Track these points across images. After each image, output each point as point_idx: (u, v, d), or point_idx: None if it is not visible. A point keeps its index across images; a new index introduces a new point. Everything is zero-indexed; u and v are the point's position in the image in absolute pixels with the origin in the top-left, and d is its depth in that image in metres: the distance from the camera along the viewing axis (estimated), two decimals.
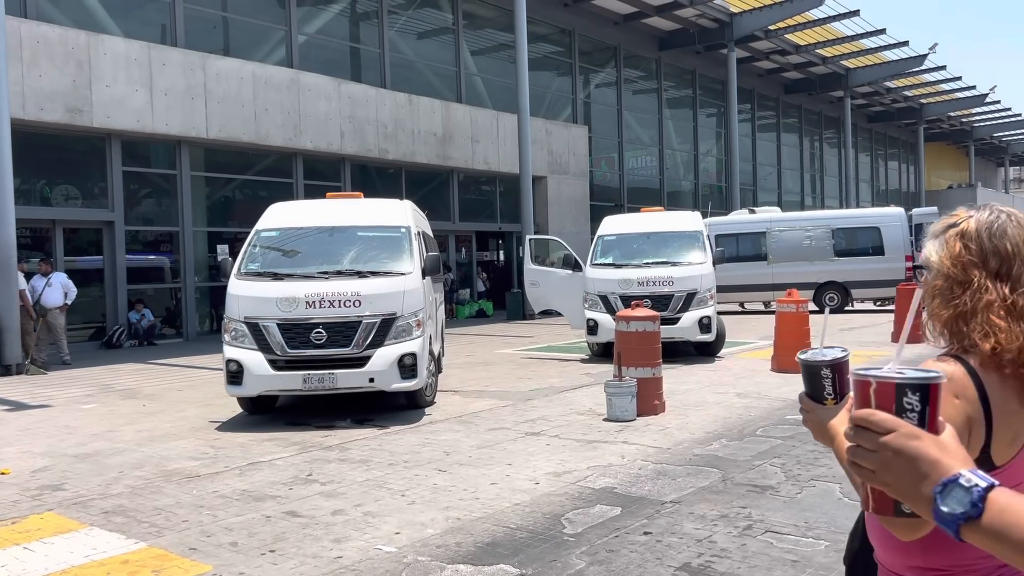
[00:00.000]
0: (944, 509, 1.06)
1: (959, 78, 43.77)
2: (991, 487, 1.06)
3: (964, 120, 54.25)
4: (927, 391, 1.12)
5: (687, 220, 13.83)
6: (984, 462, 1.42)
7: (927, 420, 1.12)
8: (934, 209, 24.03)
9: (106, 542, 4.84)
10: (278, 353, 8.08)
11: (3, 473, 6.56)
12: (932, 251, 1.61)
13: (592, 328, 12.53)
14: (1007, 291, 1.50)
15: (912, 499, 1.11)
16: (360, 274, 8.53)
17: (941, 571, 1.40)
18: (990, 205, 1.62)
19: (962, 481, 1.05)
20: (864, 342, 14.50)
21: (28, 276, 13.38)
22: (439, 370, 10.30)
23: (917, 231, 22.54)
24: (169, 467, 6.64)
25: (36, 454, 7.21)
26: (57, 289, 13.41)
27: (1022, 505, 1.06)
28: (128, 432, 8.05)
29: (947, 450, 1.11)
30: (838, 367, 1.33)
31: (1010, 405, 1.45)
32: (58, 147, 16.04)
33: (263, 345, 8.08)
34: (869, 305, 21.81)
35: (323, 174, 20.16)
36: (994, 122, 55.13)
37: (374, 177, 21.73)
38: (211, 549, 4.67)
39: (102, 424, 8.49)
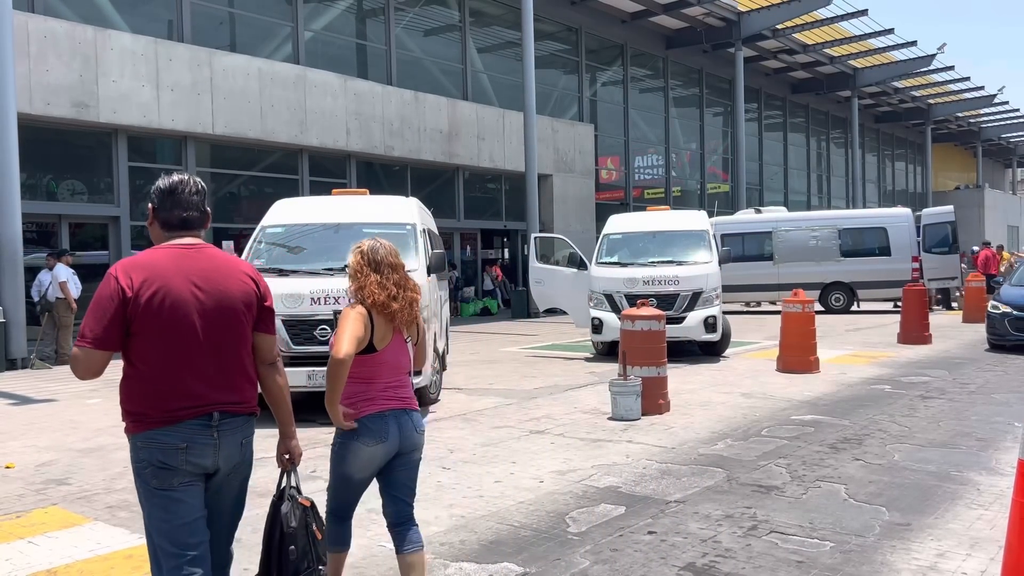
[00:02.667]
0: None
1: (967, 78, 43.64)
2: None
3: (972, 121, 54.06)
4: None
5: (693, 219, 13.79)
6: (371, 347, 3.49)
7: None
8: (950, 208, 23.68)
9: (110, 537, 4.84)
10: (283, 349, 8.06)
11: (8, 467, 6.57)
12: (349, 258, 3.69)
13: (597, 327, 12.51)
14: (378, 277, 3.57)
15: None
16: None
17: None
18: (375, 238, 3.78)
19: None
20: (871, 343, 14.46)
21: (74, 268, 13.54)
22: (443, 368, 10.28)
23: (926, 232, 22.45)
24: None
25: (41, 448, 7.22)
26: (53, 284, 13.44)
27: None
28: None
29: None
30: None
31: (381, 324, 3.52)
32: (64, 142, 16.05)
33: None
34: (889, 306, 21.58)
35: (329, 171, 20.16)
36: (1002, 123, 54.92)
37: (380, 174, 21.73)
38: None
39: (107, 419, 8.49)
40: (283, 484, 3.33)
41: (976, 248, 24.86)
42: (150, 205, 3.05)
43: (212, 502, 2.97)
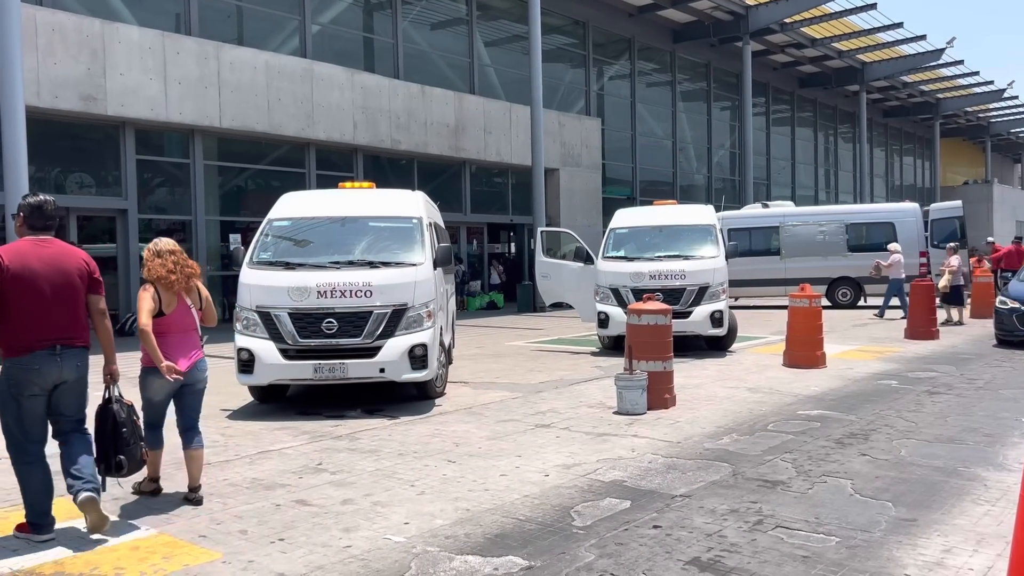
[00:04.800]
0: None
1: (977, 73, 43.40)
2: None
3: (981, 116, 53.79)
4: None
5: (700, 214, 13.75)
6: (160, 312, 5.14)
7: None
8: (958, 203, 23.54)
9: (116, 528, 4.86)
10: (289, 342, 8.08)
11: None
12: (144, 254, 5.32)
13: (603, 321, 12.50)
14: (160, 260, 5.21)
15: None
16: (372, 264, 8.52)
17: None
18: (160, 238, 5.43)
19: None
20: (878, 338, 14.42)
21: None
22: (449, 361, 10.28)
23: (934, 227, 22.33)
24: (179, 454, 6.64)
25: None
26: None
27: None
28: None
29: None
30: None
31: (165, 294, 5.21)
32: (72, 135, 16.10)
33: (274, 334, 8.08)
34: (895, 301, 21.41)
35: (335, 164, 20.18)
36: (1011, 118, 54.67)
37: (386, 168, 21.74)
38: (221, 537, 4.69)
39: None
40: (108, 395, 4.95)
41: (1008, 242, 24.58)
42: (21, 214, 4.65)
43: (61, 400, 4.67)
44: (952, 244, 17.94)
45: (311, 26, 19.92)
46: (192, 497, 5.28)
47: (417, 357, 8.21)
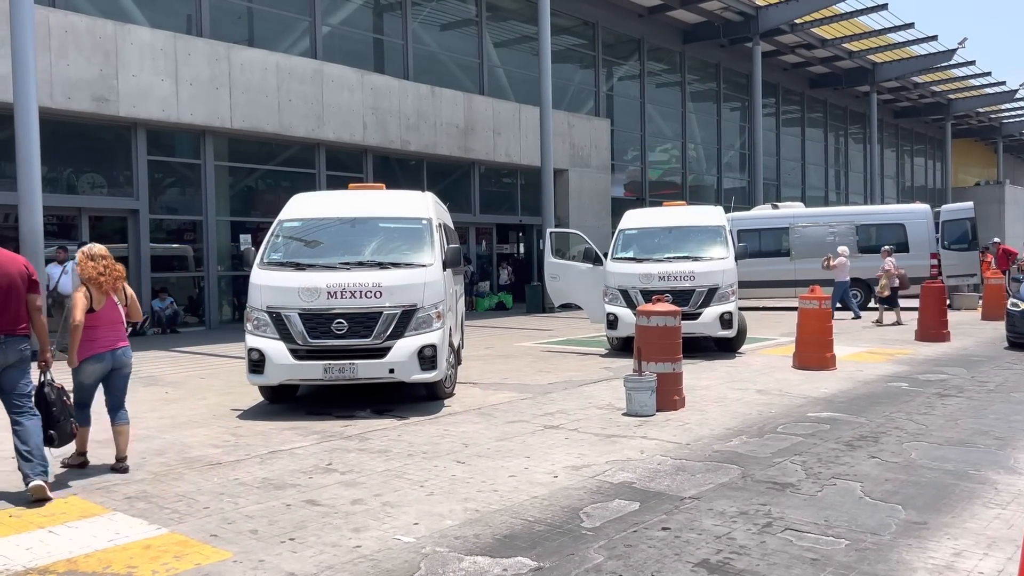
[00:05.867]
0: None
1: (988, 74, 43.15)
2: None
3: (993, 117, 53.47)
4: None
5: (709, 215, 13.73)
6: (91, 308, 5.98)
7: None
8: (969, 204, 23.42)
9: (128, 527, 4.89)
10: (299, 343, 8.11)
11: None
12: (78, 257, 6.13)
13: (612, 322, 12.50)
14: (93, 263, 6.06)
15: None
16: (381, 265, 8.54)
17: None
18: (93, 243, 6.32)
19: None
20: (888, 340, 14.37)
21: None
22: (459, 362, 10.30)
23: (945, 229, 22.22)
24: (191, 454, 6.70)
25: None
26: (73, 276, 13.54)
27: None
28: (151, 419, 8.13)
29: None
30: None
31: (96, 293, 5.99)
32: (85, 135, 16.20)
33: (285, 335, 8.12)
34: (906, 303, 21.37)
35: (345, 165, 20.23)
36: (1023, 119, 54.28)
37: (396, 169, 21.77)
38: (232, 536, 4.71)
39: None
40: (43, 379, 5.77)
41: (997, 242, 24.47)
42: None
43: (7, 379, 5.48)
44: (887, 247, 17.95)
45: (321, 27, 19.98)
46: (119, 467, 6.11)
47: (427, 358, 8.23)
